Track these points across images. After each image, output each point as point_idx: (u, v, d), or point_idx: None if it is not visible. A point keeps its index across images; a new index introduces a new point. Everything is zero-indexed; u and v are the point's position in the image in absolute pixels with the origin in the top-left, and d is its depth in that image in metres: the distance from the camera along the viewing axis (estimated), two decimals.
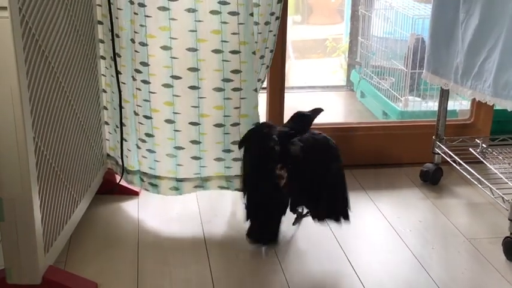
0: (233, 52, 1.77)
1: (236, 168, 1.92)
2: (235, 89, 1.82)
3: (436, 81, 2.07)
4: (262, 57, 1.93)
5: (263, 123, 1.85)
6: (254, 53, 1.82)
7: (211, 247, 1.79)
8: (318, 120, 1.85)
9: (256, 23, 1.85)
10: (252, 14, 1.77)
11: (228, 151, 1.90)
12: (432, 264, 1.73)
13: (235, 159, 1.91)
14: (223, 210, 2.01)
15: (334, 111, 3.12)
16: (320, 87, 3.47)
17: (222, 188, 1.96)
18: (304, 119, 1.82)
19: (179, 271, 1.68)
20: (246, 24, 1.76)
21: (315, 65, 3.79)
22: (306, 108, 1.86)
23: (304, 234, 1.88)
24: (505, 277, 1.67)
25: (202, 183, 1.94)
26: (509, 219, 1.76)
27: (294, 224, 1.89)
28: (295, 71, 3.63)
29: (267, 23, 1.88)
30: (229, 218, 1.96)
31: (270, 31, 1.91)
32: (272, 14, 1.88)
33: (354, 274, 1.68)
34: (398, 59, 2.94)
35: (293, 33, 3.76)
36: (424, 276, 1.68)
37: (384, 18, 3.11)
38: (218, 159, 1.90)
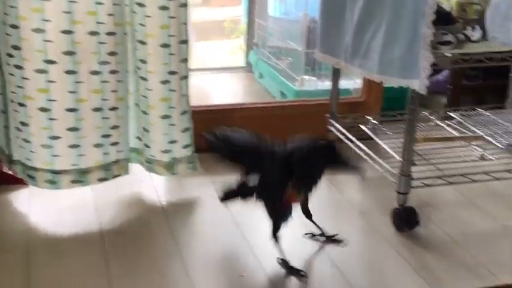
0: (109, 34, 1.78)
1: (114, 154, 1.89)
2: (112, 72, 1.81)
3: (328, 60, 2.12)
4: (165, 45, 1.84)
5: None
6: (126, 34, 1.84)
7: (106, 235, 1.76)
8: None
9: (141, 5, 1.80)
10: None
11: (107, 136, 1.86)
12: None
13: (113, 144, 1.88)
14: (118, 195, 1.97)
15: (233, 92, 3.12)
16: (220, 69, 3.46)
17: (101, 180, 1.91)
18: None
19: (74, 264, 1.63)
20: (120, 6, 1.77)
21: (215, 47, 3.77)
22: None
23: (203, 216, 1.87)
24: (394, 247, 1.75)
25: (80, 176, 1.87)
26: (396, 192, 1.84)
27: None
28: (195, 53, 3.60)
29: (163, 8, 1.80)
30: (124, 203, 1.92)
31: (172, 17, 1.82)
32: None
33: (251, 255, 1.70)
34: (294, 39, 2.98)
35: (193, 15, 3.71)
36: (319, 250, 1.72)
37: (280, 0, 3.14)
38: (97, 146, 1.86)
